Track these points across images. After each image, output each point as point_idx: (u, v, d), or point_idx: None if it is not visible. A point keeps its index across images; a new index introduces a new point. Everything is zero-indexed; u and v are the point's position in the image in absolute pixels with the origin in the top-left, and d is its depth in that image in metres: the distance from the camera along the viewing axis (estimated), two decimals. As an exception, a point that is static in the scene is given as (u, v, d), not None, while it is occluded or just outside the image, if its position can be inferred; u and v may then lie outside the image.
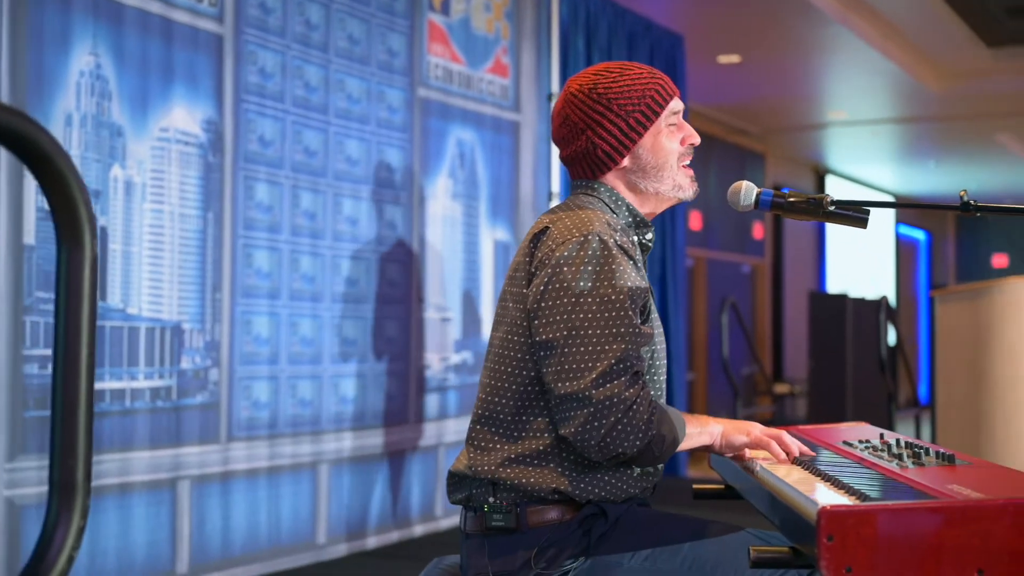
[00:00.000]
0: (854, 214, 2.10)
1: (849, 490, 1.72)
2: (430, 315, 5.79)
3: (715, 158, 12.28)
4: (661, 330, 2.29)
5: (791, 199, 2.13)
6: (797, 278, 14.16)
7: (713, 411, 11.26)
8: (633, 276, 2.13)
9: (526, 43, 6.63)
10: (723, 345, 8.86)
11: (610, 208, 2.29)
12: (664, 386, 2.30)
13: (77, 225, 1.24)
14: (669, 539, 2.15)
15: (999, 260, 19.27)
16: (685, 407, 8.33)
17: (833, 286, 14.70)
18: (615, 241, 2.14)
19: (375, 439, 5.41)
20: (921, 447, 2.03)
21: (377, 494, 5.43)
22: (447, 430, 5.86)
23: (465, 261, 6.06)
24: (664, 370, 2.29)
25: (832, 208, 2.10)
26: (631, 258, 2.17)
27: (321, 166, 5.14)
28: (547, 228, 2.20)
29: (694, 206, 11.40)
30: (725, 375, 9.05)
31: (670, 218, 8.00)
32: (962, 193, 1.94)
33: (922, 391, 15.75)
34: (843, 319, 10.71)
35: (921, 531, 1.52)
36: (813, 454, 2.14)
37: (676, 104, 2.33)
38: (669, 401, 7.69)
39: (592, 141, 2.28)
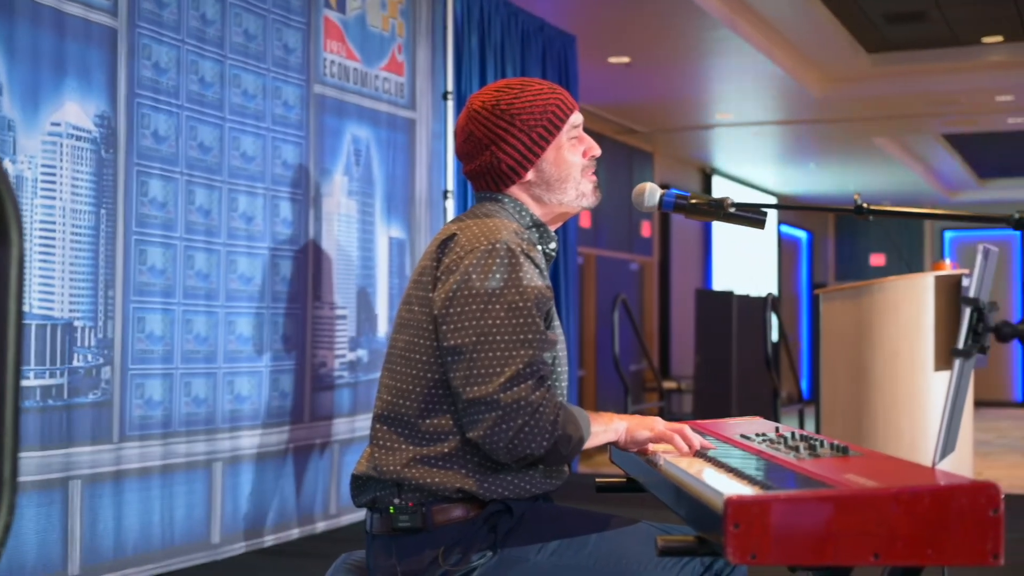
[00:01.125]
0: (753, 216, 2.18)
1: (752, 480, 1.79)
2: (325, 312, 5.78)
3: (604, 157, 12.32)
4: (563, 335, 2.34)
5: (693, 201, 2.20)
6: (684, 276, 14.40)
7: (603, 407, 11.41)
8: (539, 283, 2.19)
9: (421, 41, 6.65)
10: (614, 342, 8.98)
11: (515, 218, 2.34)
12: (566, 389, 2.35)
13: (4, 222, 1.24)
14: (574, 533, 2.20)
15: (877, 259, 19.84)
16: (576, 404, 8.42)
17: (719, 284, 14.97)
18: (522, 249, 2.19)
19: (270, 437, 5.38)
20: (815, 439, 2.12)
21: (273, 492, 5.40)
22: (342, 428, 5.86)
23: (360, 258, 6.06)
24: (566, 374, 2.35)
25: (733, 210, 2.17)
26: (537, 266, 2.22)
27: (216, 163, 5.10)
28: (455, 235, 2.24)
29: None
30: (616, 371, 9.17)
31: (562, 217, 8.08)
32: (856, 197, 2.02)
33: (805, 387, 16.15)
34: (729, 316, 10.94)
35: (821, 518, 1.60)
36: (714, 447, 2.21)
37: (576, 118, 2.39)
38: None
39: (496, 156, 2.33)
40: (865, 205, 2.02)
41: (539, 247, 2.34)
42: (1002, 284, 18.70)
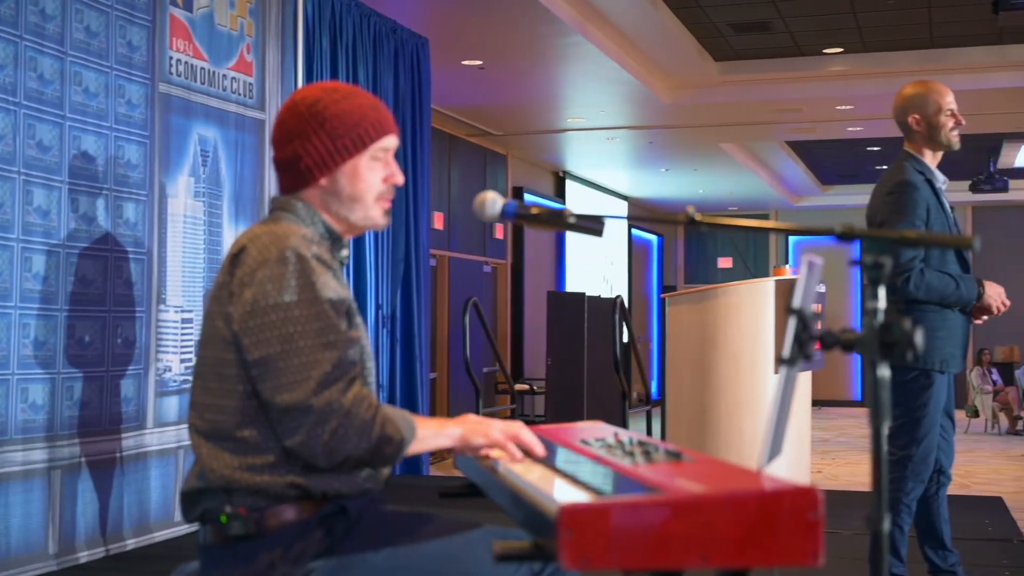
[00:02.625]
0: (591, 225, 2.22)
1: (586, 487, 1.83)
2: (169, 316, 5.67)
3: (457, 159, 12.46)
4: (367, 333, 2.35)
5: (534, 211, 2.23)
6: (537, 278, 14.53)
7: (456, 410, 11.43)
8: (334, 285, 2.20)
9: (271, 41, 6.58)
10: (465, 345, 9.01)
11: (307, 223, 2.33)
12: (375, 386, 2.36)
13: None
14: (412, 536, 2.21)
15: (724, 263, 20.34)
16: (427, 406, 8.43)
17: (572, 286, 15.13)
18: (313, 253, 2.20)
19: (110, 444, 5.26)
20: (651, 445, 2.16)
21: (114, 500, 5.28)
22: (187, 434, 5.74)
23: (207, 260, 5.96)
24: (373, 372, 2.36)
25: (572, 220, 2.21)
26: (329, 268, 2.23)
27: (56, 162, 4.96)
28: (245, 247, 2.23)
29: (437, 207, 11.55)
30: (467, 374, 9.21)
31: (413, 218, 8.08)
32: (689, 208, 2.08)
33: (655, 388, 16.44)
34: (581, 318, 11.09)
35: (651, 523, 1.64)
36: (543, 453, 2.24)
37: (389, 141, 2.39)
38: (412, 401, 7.71)
39: (297, 152, 2.33)
40: (697, 217, 2.07)
41: (332, 254, 2.34)
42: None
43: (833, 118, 12.26)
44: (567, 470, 2.01)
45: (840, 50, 10.77)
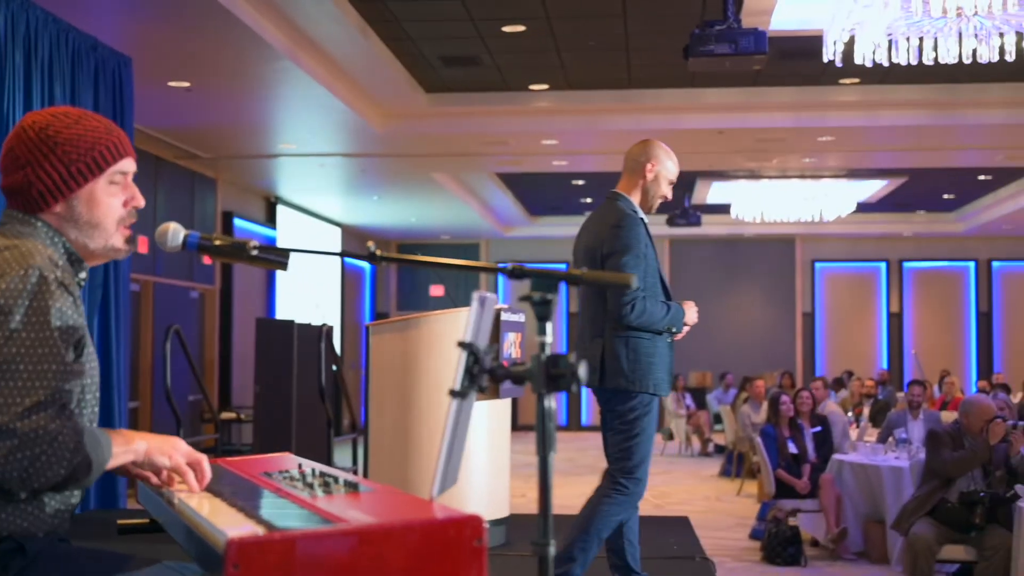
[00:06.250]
0: (275, 258, 2.24)
1: (259, 520, 1.84)
2: None
3: (164, 181, 12.14)
4: (96, 364, 2.30)
5: (216, 243, 2.23)
6: (247, 304, 14.29)
7: (157, 439, 11.07)
8: (69, 314, 2.15)
9: (-43, 54, 6.24)
10: (166, 373, 8.77)
11: (48, 243, 2.27)
12: (97, 417, 2.31)
13: None
14: (89, 573, 2.16)
15: (436, 290, 20.60)
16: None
17: (283, 313, 14.96)
18: (55, 277, 2.14)
19: None
20: (333, 476, 2.19)
21: None
22: None
23: None
24: (97, 403, 2.31)
25: (255, 253, 2.22)
26: (70, 293, 2.18)
27: None
28: None
29: (141, 230, 11.16)
30: (168, 403, 8.96)
31: (114, 243, 7.82)
32: (370, 243, 2.13)
33: (364, 417, 16.43)
34: (290, 346, 10.95)
35: (321, 555, 1.66)
36: (200, 486, 2.23)
37: (127, 165, 2.35)
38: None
39: (29, 179, 2.26)
40: (378, 252, 2.13)
41: (73, 277, 2.28)
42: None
43: (539, 152, 12.66)
44: (244, 503, 2.02)
45: (546, 87, 11.15)
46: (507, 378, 1.93)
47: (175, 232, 2.25)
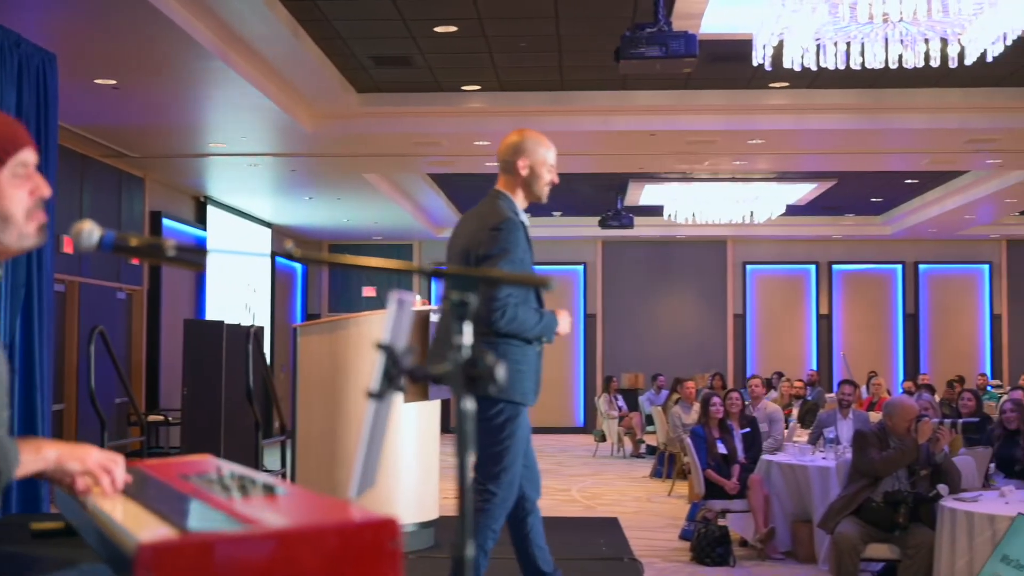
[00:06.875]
0: (192, 258, 2.21)
1: (172, 523, 1.81)
2: None
3: (91, 180, 11.96)
4: (4, 368, 2.25)
5: (132, 243, 2.19)
6: (176, 305, 14.13)
7: (83, 441, 10.91)
8: None
9: None
10: (90, 376, 8.65)
11: None
12: (7, 422, 2.26)
13: None
14: (0, 578, 2.12)
15: (369, 291, 20.51)
16: (52, 437, 8.01)
17: (212, 314, 14.80)
18: None
19: None
20: (251, 478, 2.16)
21: None
22: None
23: None
24: (6, 407, 2.26)
25: (172, 253, 2.18)
26: None
27: None
28: None
29: (66, 230, 11.01)
30: (92, 405, 8.83)
31: (38, 243, 7.68)
32: (288, 243, 2.10)
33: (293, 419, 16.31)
34: (219, 347, 10.86)
35: (235, 558, 1.64)
36: (118, 488, 2.19)
37: (27, 155, 2.31)
38: (32, 433, 7.29)
39: None
40: (296, 251, 2.11)
41: None
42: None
43: (471, 153, 12.64)
44: (158, 506, 1.98)
45: (478, 87, 11.15)
46: (425, 379, 1.92)
47: (90, 232, 2.21)
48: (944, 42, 7.41)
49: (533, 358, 4.50)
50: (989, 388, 17.81)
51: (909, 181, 16.32)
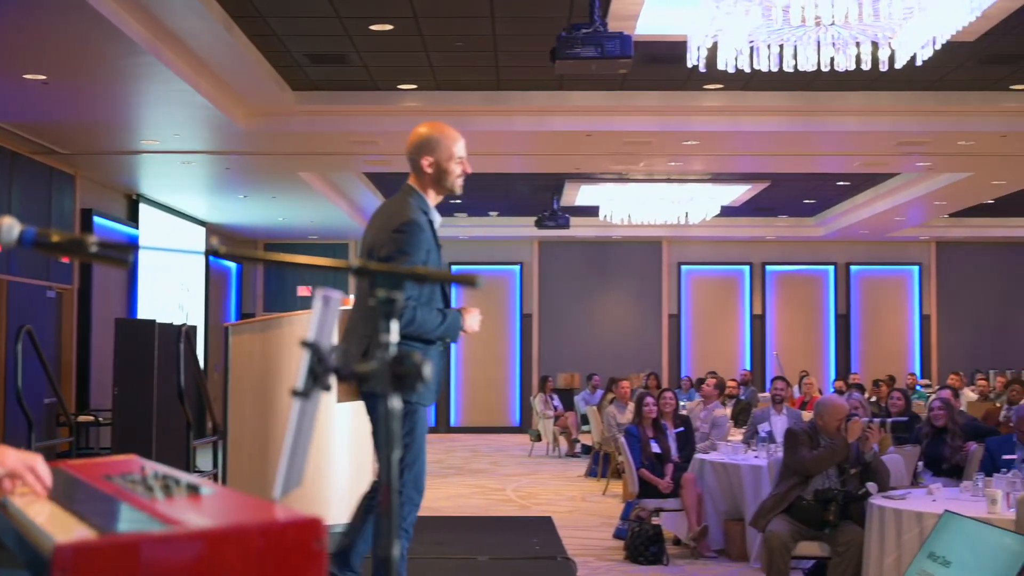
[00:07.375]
0: (116, 255, 2.17)
1: (92, 524, 1.78)
2: None
3: (20, 177, 11.76)
4: None
5: (55, 239, 2.15)
6: (107, 304, 13.94)
7: (10, 442, 10.72)
8: None
9: None
10: (17, 375, 8.50)
11: None
12: None
13: None
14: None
15: (304, 291, 20.37)
16: (-24, 440, 7.87)
17: (144, 313, 14.61)
18: None
19: None
20: (174, 479, 2.13)
21: None
22: None
23: None
24: None
25: (95, 249, 2.14)
26: None
27: None
28: None
29: (-6, 227, 10.81)
30: (19, 406, 8.68)
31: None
32: (213, 239, 2.09)
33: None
34: (150, 347, 10.71)
35: (156, 559, 1.61)
36: (46, 490, 2.15)
37: None
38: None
39: None
40: (220, 249, 2.08)
41: None
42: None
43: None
44: (79, 507, 1.95)
45: (414, 86, 11.12)
46: (351, 377, 1.90)
47: (10, 227, 2.17)
48: (875, 46, 7.51)
49: (435, 359, 4.47)
50: (919, 388, 18.08)
51: (841, 183, 16.53)
